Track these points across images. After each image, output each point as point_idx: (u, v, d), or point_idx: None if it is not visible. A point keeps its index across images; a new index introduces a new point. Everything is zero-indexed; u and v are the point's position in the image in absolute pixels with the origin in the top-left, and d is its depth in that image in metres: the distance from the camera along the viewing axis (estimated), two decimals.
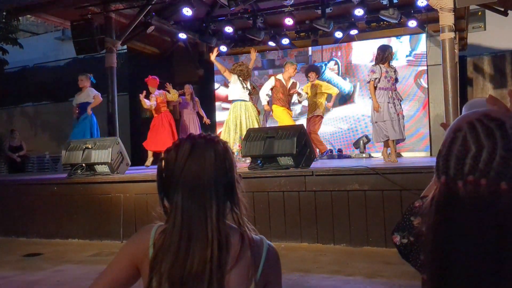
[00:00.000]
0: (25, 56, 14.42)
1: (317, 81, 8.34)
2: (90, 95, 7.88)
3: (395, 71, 6.39)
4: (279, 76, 7.44)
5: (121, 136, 7.54)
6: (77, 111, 7.87)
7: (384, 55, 6.27)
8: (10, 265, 4.58)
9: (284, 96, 7.33)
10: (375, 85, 6.21)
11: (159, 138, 7.96)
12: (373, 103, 6.24)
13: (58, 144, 12.34)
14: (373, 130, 6.44)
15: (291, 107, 7.78)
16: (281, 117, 7.34)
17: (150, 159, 8.21)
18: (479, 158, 0.86)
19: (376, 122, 6.25)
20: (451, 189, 0.90)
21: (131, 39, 9.17)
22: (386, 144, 6.45)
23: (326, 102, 8.41)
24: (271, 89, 7.40)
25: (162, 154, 1.31)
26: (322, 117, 8.42)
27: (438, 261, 0.92)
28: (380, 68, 6.23)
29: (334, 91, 8.41)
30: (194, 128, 8.78)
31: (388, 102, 6.17)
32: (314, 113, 8.28)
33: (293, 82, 7.48)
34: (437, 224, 0.92)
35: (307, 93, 8.17)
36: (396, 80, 6.38)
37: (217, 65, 7.51)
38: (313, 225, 4.85)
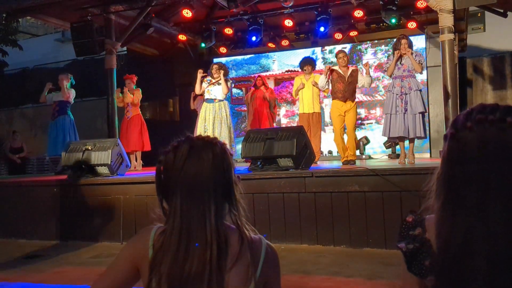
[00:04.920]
0: (25, 57, 14.42)
1: (313, 74, 7.62)
2: (71, 95, 7.95)
3: (415, 55, 5.99)
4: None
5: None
6: (57, 109, 7.92)
7: (395, 43, 6.18)
8: (10, 267, 4.58)
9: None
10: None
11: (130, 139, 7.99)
12: None
13: None
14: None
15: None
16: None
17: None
18: (486, 107, 1.01)
19: (385, 114, 6.11)
20: (459, 137, 1.01)
21: (131, 41, 9.17)
22: (401, 140, 6.15)
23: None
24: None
25: (160, 156, 1.32)
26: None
27: (451, 197, 1.01)
28: (393, 56, 6.13)
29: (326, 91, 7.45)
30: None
31: (393, 93, 5.96)
32: (314, 110, 7.47)
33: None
34: (450, 170, 1.02)
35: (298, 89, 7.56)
36: (421, 66, 5.97)
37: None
38: (313, 227, 4.85)
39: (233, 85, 7.39)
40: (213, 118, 6.97)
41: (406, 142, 6.17)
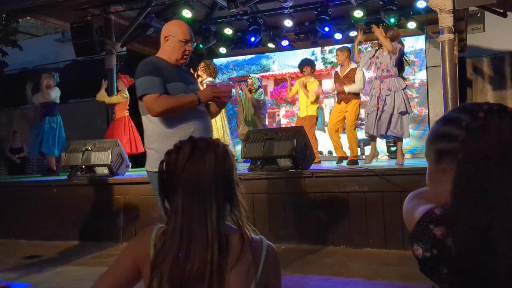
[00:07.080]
0: (24, 58, 14.40)
1: (312, 78, 7.55)
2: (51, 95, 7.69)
3: (399, 52, 5.69)
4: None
5: None
6: (43, 111, 7.76)
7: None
8: (10, 267, 4.58)
9: None
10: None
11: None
12: None
13: None
14: None
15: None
16: None
17: None
18: (491, 103, 1.00)
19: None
20: (474, 132, 0.97)
21: (130, 41, 9.17)
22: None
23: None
24: None
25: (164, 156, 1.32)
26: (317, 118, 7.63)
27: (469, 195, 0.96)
28: (374, 52, 5.96)
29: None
30: None
31: (372, 94, 5.82)
32: (308, 113, 7.42)
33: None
34: (469, 168, 0.97)
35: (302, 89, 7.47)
36: (401, 65, 5.75)
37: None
38: (313, 227, 4.86)
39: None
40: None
41: (374, 142, 6.24)
